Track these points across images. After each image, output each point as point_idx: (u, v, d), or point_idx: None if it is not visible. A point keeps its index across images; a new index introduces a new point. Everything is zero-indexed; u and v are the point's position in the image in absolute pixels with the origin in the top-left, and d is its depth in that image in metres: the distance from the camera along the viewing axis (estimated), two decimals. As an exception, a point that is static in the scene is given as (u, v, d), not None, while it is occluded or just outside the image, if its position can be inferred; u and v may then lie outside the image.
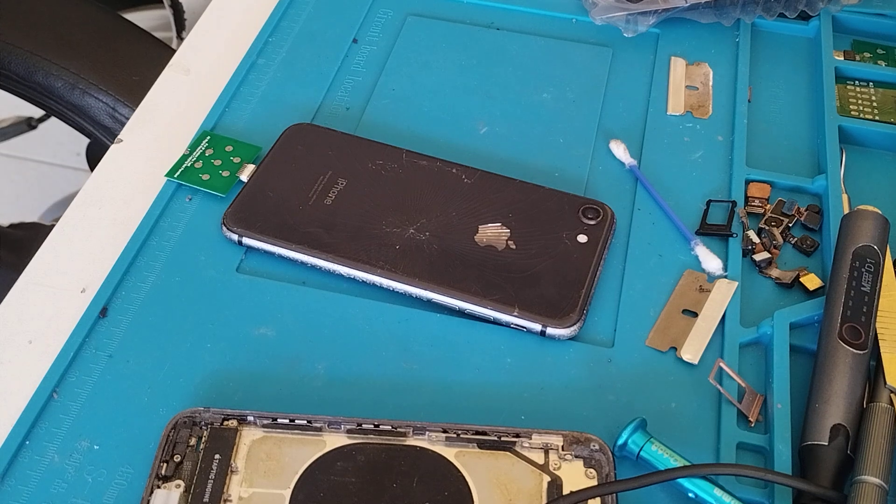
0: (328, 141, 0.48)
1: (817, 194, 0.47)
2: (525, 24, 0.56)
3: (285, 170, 0.46)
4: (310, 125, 0.49)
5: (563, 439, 0.36)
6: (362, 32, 0.56)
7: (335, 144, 0.48)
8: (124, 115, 0.80)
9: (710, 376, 0.39)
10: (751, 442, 0.38)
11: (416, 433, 0.36)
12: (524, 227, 0.44)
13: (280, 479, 0.35)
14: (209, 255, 0.44)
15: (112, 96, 0.80)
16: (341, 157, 0.47)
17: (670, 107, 0.51)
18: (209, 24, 0.58)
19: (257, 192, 0.45)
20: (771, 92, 0.52)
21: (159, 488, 0.35)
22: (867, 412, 0.36)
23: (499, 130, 0.50)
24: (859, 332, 0.38)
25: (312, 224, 0.44)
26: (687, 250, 0.44)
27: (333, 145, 0.48)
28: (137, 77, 0.83)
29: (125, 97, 0.80)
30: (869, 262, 0.40)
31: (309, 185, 0.45)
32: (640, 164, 0.48)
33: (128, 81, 0.82)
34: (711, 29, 0.55)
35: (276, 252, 0.43)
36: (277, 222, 0.44)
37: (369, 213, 0.44)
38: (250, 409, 0.37)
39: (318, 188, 0.45)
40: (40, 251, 0.45)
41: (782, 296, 0.43)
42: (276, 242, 0.43)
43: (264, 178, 0.46)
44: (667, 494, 0.36)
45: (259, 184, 0.46)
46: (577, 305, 0.41)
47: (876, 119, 0.50)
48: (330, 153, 0.47)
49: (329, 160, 0.47)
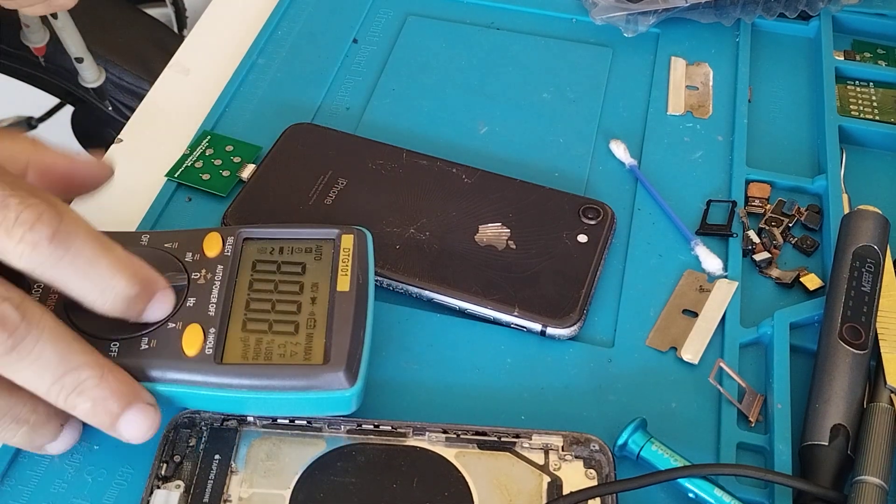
0: (328, 141, 0.48)
1: (817, 194, 0.47)
2: (525, 24, 0.56)
3: (285, 169, 0.46)
4: (310, 125, 0.49)
5: (563, 440, 0.36)
6: (362, 32, 0.56)
7: (335, 144, 0.48)
8: (115, 75, 0.84)
9: (711, 376, 0.39)
10: (751, 442, 0.38)
11: (416, 433, 0.36)
12: (524, 227, 0.44)
13: (280, 480, 0.35)
14: (209, 255, 0.44)
15: (102, 57, 0.84)
16: (341, 157, 0.47)
17: (670, 107, 0.51)
18: (209, 23, 0.58)
19: (257, 192, 0.45)
20: (771, 92, 0.52)
21: (159, 488, 0.35)
22: (867, 412, 0.36)
23: (499, 130, 0.50)
24: (859, 332, 0.38)
25: (313, 224, 0.44)
26: (687, 250, 0.44)
27: (333, 145, 0.48)
28: (122, 39, 0.87)
29: (114, 57, 0.84)
30: (869, 262, 0.40)
31: (309, 184, 0.45)
32: (641, 164, 0.48)
33: (115, 43, 0.86)
34: (712, 29, 0.55)
35: (276, 252, 0.43)
36: (277, 222, 0.44)
37: (369, 213, 0.44)
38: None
39: (319, 188, 0.45)
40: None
41: (782, 296, 0.43)
42: (276, 242, 0.43)
43: (265, 177, 0.46)
44: (667, 494, 0.36)
45: (259, 183, 0.46)
46: (578, 305, 0.41)
47: (876, 119, 0.50)
48: (330, 153, 0.47)
49: (329, 160, 0.47)
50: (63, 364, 0.31)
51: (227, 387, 0.34)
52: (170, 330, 0.35)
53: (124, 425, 0.33)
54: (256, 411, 0.36)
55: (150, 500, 0.34)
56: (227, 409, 0.36)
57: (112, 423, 0.33)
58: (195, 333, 0.35)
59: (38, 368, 0.31)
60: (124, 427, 0.33)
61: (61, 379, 0.31)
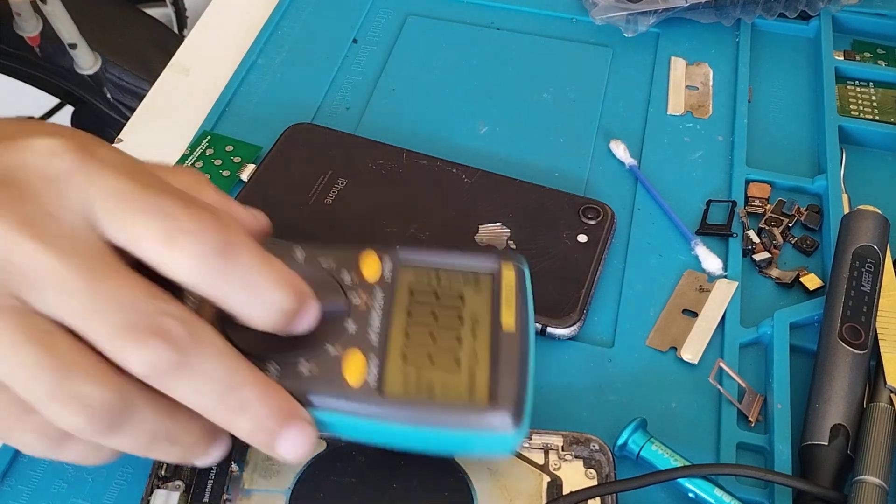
0: (328, 141, 0.48)
1: (817, 194, 0.47)
2: (525, 24, 0.56)
3: (285, 169, 0.46)
4: (310, 125, 0.49)
5: (563, 439, 0.36)
6: (362, 32, 0.56)
7: (335, 144, 0.48)
8: (115, 75, 0.84)
9: (711, 376, 0.39)
10: (751, 442, 0.38)
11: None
12: (524, 227, 0.44)
13: (279, 479, 0.35)
14: (209, 255, 0.44)
15: (102, 57, 0.83)
16: (341, 157, 0.47)
17: (670, 107, 0.51)
18: (209, 23, 0.58)
19: (257, 192, 0.45)
20: (771, 92, 0.52)
21: (159, 488, 0.35)
22: (867, 412, 0.36)
23: (499, 130, 0.50)
24: (859, 332, 0.38)
25: (312, 224, 0.44)
26: (687, 250, 0.44)
27: (333, 145, 0.48)
28: (123, 39, 0.87)
29: (114, 57, 0.84)
30: (869, 262, 0.40)
31: (309, 184, 0.45)
32: (640, 164, 0.48)
33: (115, 43, 0.86)
34: (712, 29, 0.55)
35: (276, 252, 0.43)
36: (277, 222, 0.44)
37: (369, 213, 0.44)
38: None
39: (319, 188, 0.45)
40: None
41: (782, 296, 0.43)
42: (276, 242, 0.43)
43: (264, 177, 0.46)
44: (667, 494, 0.36)
45: (259, 183, 0.46)
46: (578, 305, 0.41)
47: (876, 119, 0.50)
48: (330, 153, 0.47)
49: (329, 160, 0.47)
50: (227, 382, 0.30)
51: (387, 419, 0.32)
52: (330, 355, 0.33)
53: (283, 444, 0.31)
54: (409, 445, 0.34)
55: (150, 500, 0.34)
56: (380, 440, 0.34)
57: (271, 442, 0.31)
58: (357, 361, 0.33)
59: (202, 386, 0.30)
60: (283, 446, 0.31)
61: (225, 397, 0.30)
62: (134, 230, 0.30)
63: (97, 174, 0.30)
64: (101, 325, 0.29)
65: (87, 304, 0.29)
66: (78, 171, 0.30)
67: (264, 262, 0.31)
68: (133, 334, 0.28)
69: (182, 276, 0.30)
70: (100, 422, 0.29)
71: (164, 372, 0.29)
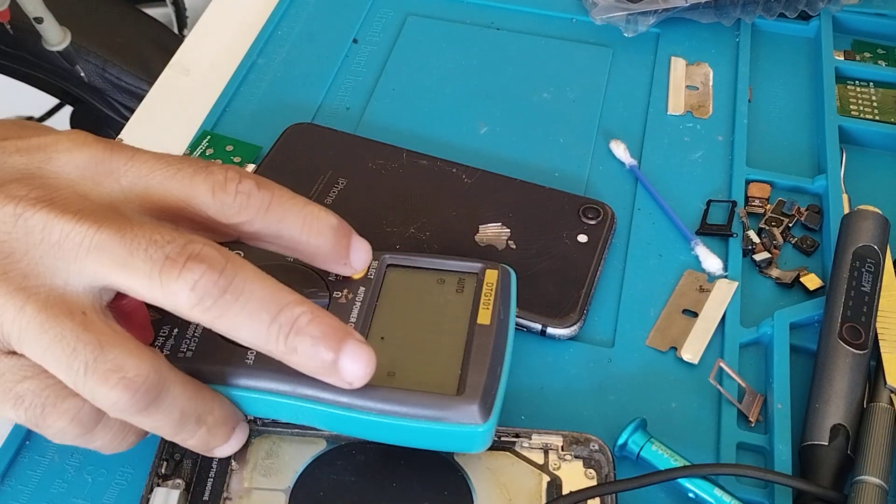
0: (328, 140, 0.48)
1: (817, 194, 0.47)
2: (525, 24, 0.56)
3: (285, 169, 0.46)
4: (310, 125, 0.49)
5: (563, 439, 0.36)
6: (362, 32, 0.56)
7: (335, 144, 0.48)
8: (114, 75, 0.84)
9: (711, 376, 0.39)
10: (751, 442, 0.38)
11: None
12: (524, 227, 0.44)
13: (279, 478, 0.35)
14: (209, 255, 0.44)
15: (101, 57, 0.83)
16: (341, 157, 0.47)
17: (670, 107, 0.51)
18: (209, 23, 0.58)
19: (257, 192, 0.45)
20: (771, 92, 0.52)
21: (159, 486, 0.34)
22: (867, 412, 0.36)
23: (499, 130, 0.50)
24: (859, 332, 0.38)
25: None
26: (687, 250, 0.44)
27: (333, 145, 0.48)
28: (122, 39, 0.87)
29: (113, 57, 0.84)
30: (869, 262, 0.40)
31: (309, 184, 0.45)
32: (641, 164, 0.48)
33: (114, 43, 0.86)
34: (712, 29, 0.55)
35: (276, 252, 0.43)
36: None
37: (369, 213, 0.44)
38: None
39: (319, 188, 0.45)
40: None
41: (782, 296, 0.43)
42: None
43: (265, 177, 0.46)
44: (667, 494, 0.36)
45: (259, 183, 0.46)
46: (578, 305, 0.41)
47: (876, 119, 0.50)
48: (330, 153, 0.47)
49: (329, 160, 0.47)
50: (276, 302, 0.30)
51: (356, 408, 0.33)
52: None
53: (347, 362, 0.31)
54: (381, 436, 0.34)
55: (151, 499, 0.34)
56: (352, 432, 0.34)
57: (334, 361, 0.31)
58: None
59: (252, 309, 0.30)
60: (347, 364, 0.31)
61: (277, 318, 0.30)
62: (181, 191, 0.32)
63: (129, 156, 0.33)
64: (140, 265, 0.29)
65: (122, 254, 0.29)
66: (105, 160, 0.33)
67: (294, 195, 0.34)
68: (173, 264, 0.29)
69: (235, 216, 0.33)
70: (139, 396, 0.29)
71: (212, 296, 0.29)
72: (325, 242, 0.34)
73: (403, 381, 0.33)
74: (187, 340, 0.35)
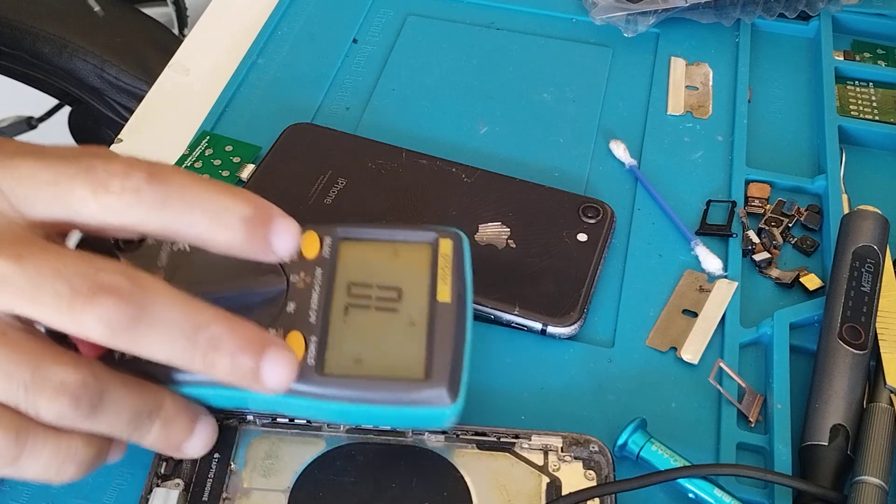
0: (328, 140, 0.48)
1: (817, 194, 0.47)
2: (525, 24, 0.56)
3: (285, 169, 0.46)
4: (310, 125, 0.49)
5: (563, 441, 0.36)
6: (362, 32, 0.56)
7: (335, 144, 0.48)
8: (112, 75, 0.83)
9: (710, 376, 0.38)
10: (751, 442, 0.38)
11: (416, 433, 0.36)
12: (524, 226, 0.44)
13: (279, 479, 0.35)
14: (209, 255, 0.44)
15: (99, 57, 0.83)
16: (341, 157, 0.47)
17: (670, 107, 0.51)
18: (209, 23, 0.58)
19: (257, 192, 0.45)
20: (771, 92, 0.52)
21: (158, 487, 0.34)
22: (867, 412, 0.36)
23: (499, 130, 0.50)
24: (859, 333, 0.38)
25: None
26: (687, 250, 0.44)
27: (333, 145, 0.48)
28: (120, 39, 0.86)
29: (111, 57, 0.83)
30: (869, 263, 0.40)
31: (309, 184, 0.45)
32: (640, 164, 0.48)
33: (112, 43, 0.85)
34: (711, 29, 0.55)
35: (275, 252, 0.43)
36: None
37: (369, 213, 0.44)
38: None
39: (318, 188, 0.45)
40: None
41: (782, 296, 0.43)
42: (276, 242, 0.43)
43: (264, 177, 0.46)
44: (667, 495, 0.36)
45: (259, 183, 0.46)
46: (578, 304, 0.41)
47: (876, 119, 0.50)
48: (330, 153, 0.47)
49: (329, 160, 0.47)
50: (190, 323, 0.29)
51: (326, 398, 0.33)
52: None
53: (267, 372, 0.30)
54: (354, 422, 0.35)
55: (150, 499, 0.34)
56: (323, 417, 0.35)
57: (255, 374, 0.30)
58: (297, 342, 0.33)
59: (167, 333, 0.29)
60: (268, 374, 0.30)
61: (193, 339, 0.29)
62: (59, 199, 0.30)
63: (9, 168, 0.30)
64: (47, 300, 0.28)
65: (26, 287, 0.28)
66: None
67: (200, 179, 0.31)
68: (80, 297, 0.28)
69: (123, 218, 0.30)
70: (80, 401, 0.29)
71: (123, 327, 0.28)
72: (238, 235, 0.31)
73: (371, 368, 0.34)
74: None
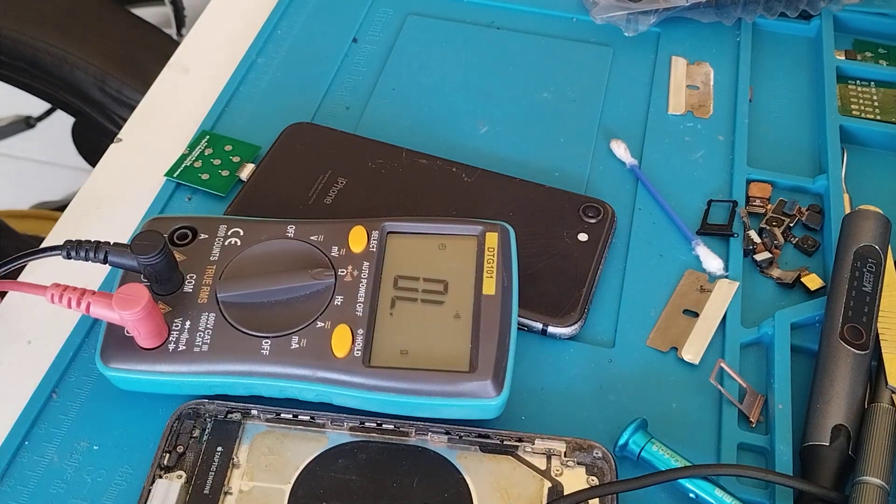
0: (328, 140, 0.48)
1: (818, 194, 0.47)
2: (525, 24, 0.56)
3: (285, 169, 0.46)
4: (309, 124, 0.49)
5: (566, 445, 0.36)
6: (362, 32, 0.56)
7: (335, 143, 0.48)
8: (113, 88, 0.83)
9: (711, 377, 0.38)
10: (752, 442, 0.37)
11: (419, 433, 0.36)
12: (525, 226, 0.44)
13: (281, 474, 0.35)
14: (209, 255, 0.44)
15: (99, 69, 0.82)
16: (341, 156, 0.47)
17: (671, 106, 0.51)
18: (209, 23, 0.58)
19: (257, 192, 0.45)
20: (772, 91, 0.52)
21: (161, 478, 0.34)
22: (868, 413, 0.36)
23: (499, 130, 0.50)
24: (860, 333, 0.38)
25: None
26: (688, 250, 0.44)
27: (333, 144, 0.47)
28: (122, 50, 0.85)
29: (112, 69, 0.83)
30: (870, 262, 0.40)
31: (309, 184, 0.45)
32: (641, 163, 0.48)
33: (114, 54, 0.85)
34: (712, 28, 0.55)
35: (276, 251, 0.43)
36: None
37: (369, 212, 0.44)
38: (254, 403, 0.37)
39: (318, 187, 0.45)
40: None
41: (783, 296, 0.43)
42: (276, 242, 0.43)
43: (264, 177, 0.46)
44: (668, 495, 0.36)
45: (259, 183, 0.46)
46: (579, 304, 0.41)
47: (877, 119, 0.50)
48: (330, 152, 0.47)
49: (329, 159, 0.47)
50: None
51: (373, 389, 0.34)
52: (319, 329, 0.35)
53: None
54: (399, 412, 0.36)
55: (152, 490, 0.34)
56: (369, 408, 0.36)
57: None
58: (344, 335, 0.35)
59: None
60: None
61: None
62: None
63: None
64: None
65: None
66: None
67: None
68: None
69: None
70: None
71: None
72: None
73: (416, 361, 0.35)
74: (201, 333, 0.36)
